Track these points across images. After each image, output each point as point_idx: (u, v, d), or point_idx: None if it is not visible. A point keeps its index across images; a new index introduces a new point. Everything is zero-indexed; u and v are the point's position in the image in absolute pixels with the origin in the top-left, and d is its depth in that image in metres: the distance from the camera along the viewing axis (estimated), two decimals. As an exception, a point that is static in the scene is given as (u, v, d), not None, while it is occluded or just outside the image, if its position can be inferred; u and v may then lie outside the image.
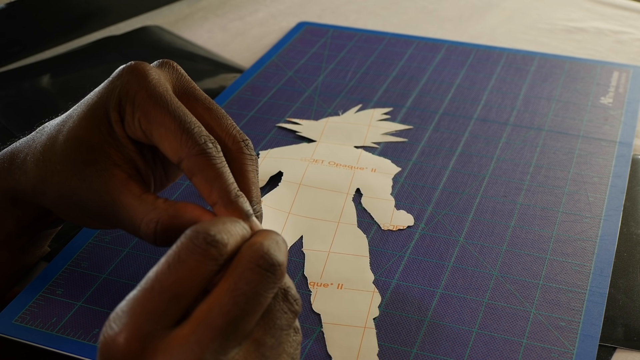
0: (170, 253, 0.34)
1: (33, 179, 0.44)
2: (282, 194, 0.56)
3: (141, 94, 0.42)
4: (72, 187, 0.43)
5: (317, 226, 0.54)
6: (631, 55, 0.79)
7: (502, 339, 0.46)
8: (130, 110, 0.42)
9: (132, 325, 0.32)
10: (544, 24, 0.86)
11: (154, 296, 0.33)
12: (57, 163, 0.43)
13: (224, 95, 0.70)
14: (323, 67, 0.74)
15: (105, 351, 0.32)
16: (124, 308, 0.33)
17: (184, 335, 0.32)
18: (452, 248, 0.52)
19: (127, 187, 0.42)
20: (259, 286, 0.34)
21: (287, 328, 0.36)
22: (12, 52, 0.79)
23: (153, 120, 0.41)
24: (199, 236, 0.34)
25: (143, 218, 0.40)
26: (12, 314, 0.46)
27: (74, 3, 0.84)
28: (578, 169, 0.60)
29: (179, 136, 0.41)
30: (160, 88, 0.42)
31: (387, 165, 0.60)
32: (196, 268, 0.33)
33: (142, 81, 0.42)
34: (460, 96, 0.70)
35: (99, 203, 0.42)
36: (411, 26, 0.86)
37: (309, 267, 0.51)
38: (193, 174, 0.40)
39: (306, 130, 0.64)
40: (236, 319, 0.33)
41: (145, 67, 0.43)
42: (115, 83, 0.43)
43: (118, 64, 0.45)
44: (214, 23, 0.87)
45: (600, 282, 0.49)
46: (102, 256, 0.51)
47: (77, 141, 0.43)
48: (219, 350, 0.32)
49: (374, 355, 0.44)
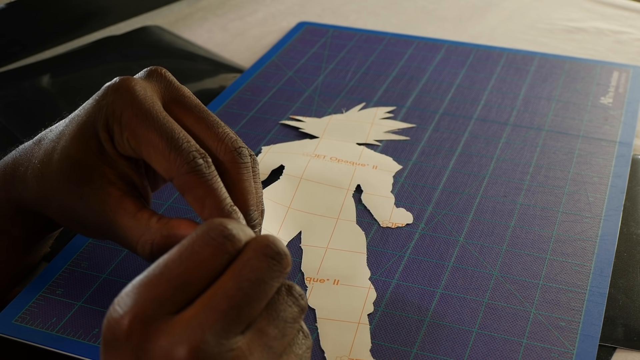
0: (183, 244, 0.34)
1: (35, 193, 0.44)
2: (283, 187, 0.56)
3: (127, 113, 0.41)
4: (71, 204, 0.43)
5: (316, 222, 0.54)
6: (631, 55, 0.79)
7: (502, 339, 0.46)
8: (118, 130, 0.42)
9: (136, 308, 0.32)
10: (543, 24, 0.86)
11: (162, 282, 0.33)
12: (55, 180, 0.43)
13: (224, 95, 0.70)
14: (323, 67, 0.74)
15: (109, 333, 0.33)
16: (128, 292, 0.33)
17: (187, 318, 0.32)
18: (452, 248, 0.52)
19: (122, 205, 0.42)
20: (264, 273, 0.34)
21: (292, 322, 0.36)
22: (12, 52, 0.79)
23: (141, 139, 0.41)
24: (216, 229, 0.35)
25: (139, 239, 0.41)
26: (12, 314, 0.46)
27: (74, 3, 0.84)
28: (578, 169, 0.60)
29: (167, 155, 0.40)
30: (146, 105, 0.42)
31: (389, 162, 0.60)
32: (208, 260, 0.34)
33: (128, 99, 0.42)
34: (460, 96, 0.70)
35: (96, 221, 0.42)
36: (411, 26, 0.86)
37: (306, 262, 0.51)
38: (184, 192, 0.41)
39: (309, 127, 0.64)
40: (240, 304, 0.33)
41: (130, 83, 0.43)
42: (101, 103, 0.42)
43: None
44: (214, 23, 0.87)
45: (600, 282, 0.49)
46: (102, 256, 0.51)
47: (70, 160, 0.43)
48: (221, 333, 0.32)
49: (367, 351, 0.44)
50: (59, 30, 0.82)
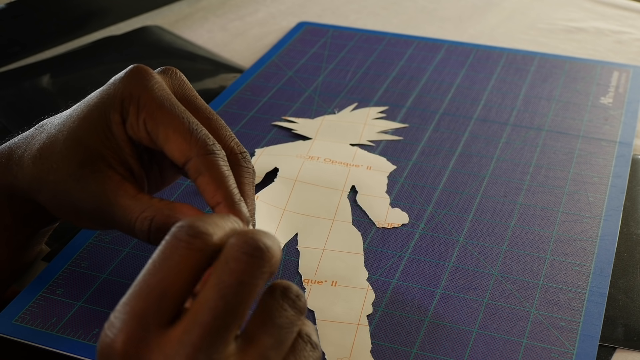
0: (156, 252, 0.34)
1: (29, 176, 0.44)
2: (277, 190, 0.56)
3: (145, 95, 0.42)
4: (66, 187, 0.43)
5: (312, 223, 0.54)
6: (631, 55, 0.79)
7: (502, 339, 0.46)
8: (134, 111, 0.42)
9: (125, 330, 0.32)
10: (543, 24, 0.86)
11: (142, 297, 0.32)
12: (54, 162, 0.43)
13: (224, 95, 0.70)
14: (323, 67, 0.74)
15: (105, 354, 0.32)
16: (116, 314, 0.33)
17: (177, 336, 0.32)
18: (452, 248, 0.52)
19: (122, 188, 0.42)
20: (243, 275, 0.33)
21: (288, 327, 0.35)
22: (12, 52, 0.79)
23: (160, 121, 0.42)
24: (181, 230, 0.34)
25: (138, 216, 0.41)
26: (12, 314, 0.46)
27: (74, 3, 0.84)
28: (578, 169, 0.60)
29: (187, 136, 0.41)
30: (165, 90, 0.43)
31: (383, 163, 0.60)
32: (182, 263, 0.33)
33: (146, 83, 0.43)
34: (460, 96, 0.70)
35: (93, 203, 0.43)
36: (411, 26, 0.86)
37: (303, 264, 0.51)
38: (200, 173, 0.41)
39: (302, 129, 0.64)
40: (223, 314, 0.32)
41: (147, 69, 0.44)
42: (117, 85, 0.43)
43: (118, 64, 0.46)
44: (214, 23, 0.87)
45: (600, 282, 0.49)
46: (102, 256, 0.51)
47: (75, 142, 0.43)
48: (211, 348, 0.32)
49: (367, 352, 0.44)
50: (59, 30, 0.82)
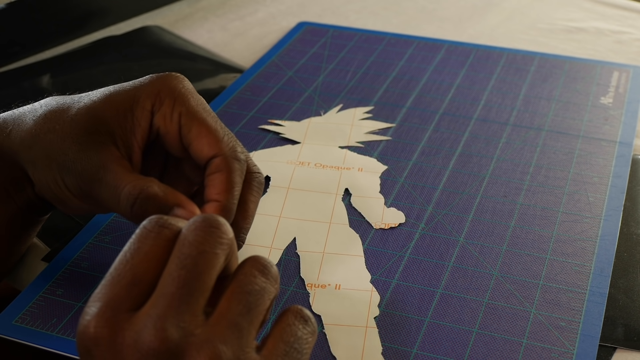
0: (127, 243, 0.36)
1: (24, 133, 0.45)
2: (271, 200, 0.56)
3: (183, 91, 0.45)
4: (63, 147, 0.44)
5: (309, 227, 0.54)
6: (631, 55, 0.79)
7: (502, 339, 0.46)
8: (170, 103, 0.45)
9: (98, 314, 0.33)
10: (543, 24, 0.86)
11: (114, 284, 0.34)
12: (58, 123, 0.44)
13: (224, 95, 0.70)
14: (323, 67, 0.74)
15: (81, 343, 0.34)
16: (90, 302, 0.34)
17: (145, 311, 0.33)
18: (452, 248, 0.52)
19: (119, 161, 0.44)
20: (204, 244, 0.35)
21: (259, 293, 0.35)
22: (12, 52, 0.79)
23: (196, 117, 0.45)
24: (151, 220, 0.36)
25: (126, 185, 0.42)
26: (12, 315, 0.46)
27: (74, 3, 0.84)
28: (578, 169, 0.60)
29: (220, 136, 0.45)
30: (200, 96, 0.46)
31: (373, 164, 0.60)
32: (151, 251, 0.35)
33: (186, 84, 0.46)
34: (460, 96, 0.70)
35: (84, 169, 0.43)
36: (411, 26, 0.86)
37: (304, 268, 0.51)
38: (220, 170, 0.44)
39: (289, 132, 0.64)
40: (186, 281, 0.34)
41: (182, 75, 0.47)
42: (155, 79, 0.46)
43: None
44: (214, 23, 0.87)
45: (600, 282, 0.49)
46: (102, 256, 0.51)
47: (90, 113, 0.44)
48: (177, 317, 0.33)
49: (378, 354, 0.44)
50: (59, 30, 0.82)
